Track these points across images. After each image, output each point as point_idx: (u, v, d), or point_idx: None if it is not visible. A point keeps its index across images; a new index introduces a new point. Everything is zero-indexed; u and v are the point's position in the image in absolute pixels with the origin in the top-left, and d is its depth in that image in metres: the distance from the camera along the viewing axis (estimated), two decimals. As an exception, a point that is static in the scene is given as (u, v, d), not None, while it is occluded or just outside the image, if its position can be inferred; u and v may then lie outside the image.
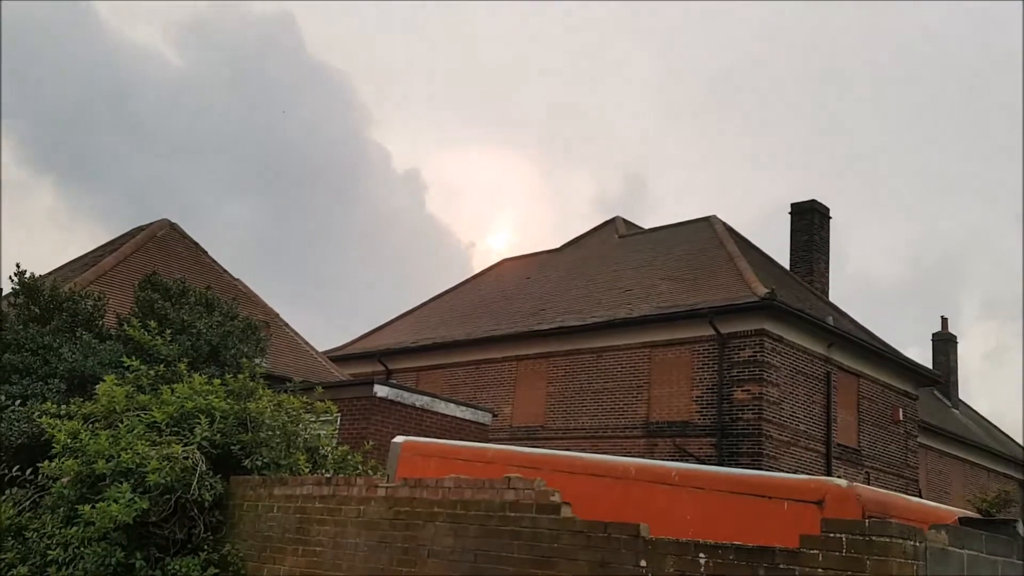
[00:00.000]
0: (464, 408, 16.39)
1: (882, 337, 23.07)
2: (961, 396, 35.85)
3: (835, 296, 24.99)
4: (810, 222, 24.64)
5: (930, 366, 30.58)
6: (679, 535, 4.84)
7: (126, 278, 17.22)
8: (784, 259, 24.92)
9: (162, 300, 12.20)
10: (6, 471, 8.82)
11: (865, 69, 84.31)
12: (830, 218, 25.29)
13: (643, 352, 20.35)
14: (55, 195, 72.83)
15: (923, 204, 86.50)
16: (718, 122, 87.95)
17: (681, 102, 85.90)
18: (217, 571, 7.70)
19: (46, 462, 8.36)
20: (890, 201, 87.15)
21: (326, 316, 68.59)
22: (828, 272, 24.88)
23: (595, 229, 29.86)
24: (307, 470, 8.91)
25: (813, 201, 24.80)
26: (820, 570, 4.13)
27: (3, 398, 10.03)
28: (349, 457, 9.70)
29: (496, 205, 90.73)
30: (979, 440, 31.29)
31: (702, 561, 4.54)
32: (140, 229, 20.43)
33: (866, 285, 77.59)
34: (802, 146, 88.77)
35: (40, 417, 8.88)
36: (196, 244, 20.81)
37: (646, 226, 29.50)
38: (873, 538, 4.06)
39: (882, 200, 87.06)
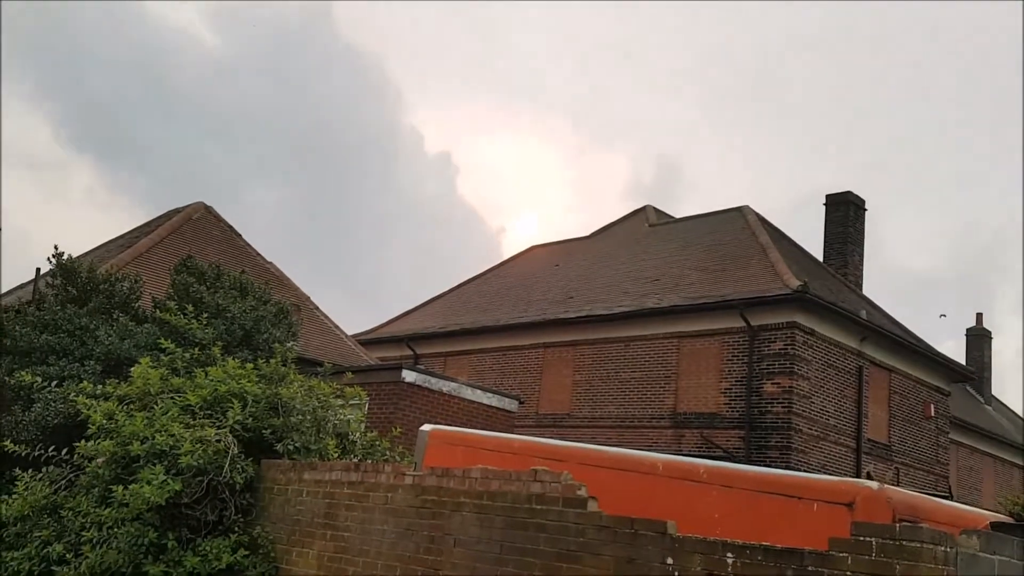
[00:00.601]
0: (491, 395, 16.45)
1: (918, 330, 22.84)
2: (995, 392, 35.36)
3: (870, 287, 24.78)
4: (845, 214, 24.33)
5: (963, 361, 30.17)
6: (706, 533, 4.83)
7: (162, 260, 17.45)
8: (818, 249, 24.69)
9: (197, 284, 12.34)
10: (42, 451, 9.00)
11: (908, 55, 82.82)
12: (865, 210, 24.96)
13: (671, 342, 20.27)
14: (94, 175, 73.89)
15: (963, 194, 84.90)
16: (756, 108, 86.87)
17: (719, 87, 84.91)
18: (247, 553, 7.82)
19: (82, 442, 8.52)
20: (930, 190, 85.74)
21: (355, 299, 69.05)
22: (862, 265, 24.58)
23: (625, 217, 29.71)
24: (336, 455, 9.00)
25: (848, 193, 24.48)
26: (849, 573, 4.11)
27: (40, 380, 10.21)
28: (377, 443, 9.78)
29: (528, 190, 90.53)
30: (1011, 437, 30.84)
31: (729, 561, 4.53)
32: (176, 211, 20.67)
33: (903, 276, 76.62)
34: (842, 133, 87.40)
35: (76, 398, 9.05)
36: (231, 227, 21.02)
37: (679, 213, 29.35)
38: (904, 543, 4.02)
39: (921, 189, 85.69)
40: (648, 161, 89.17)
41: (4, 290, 19.71)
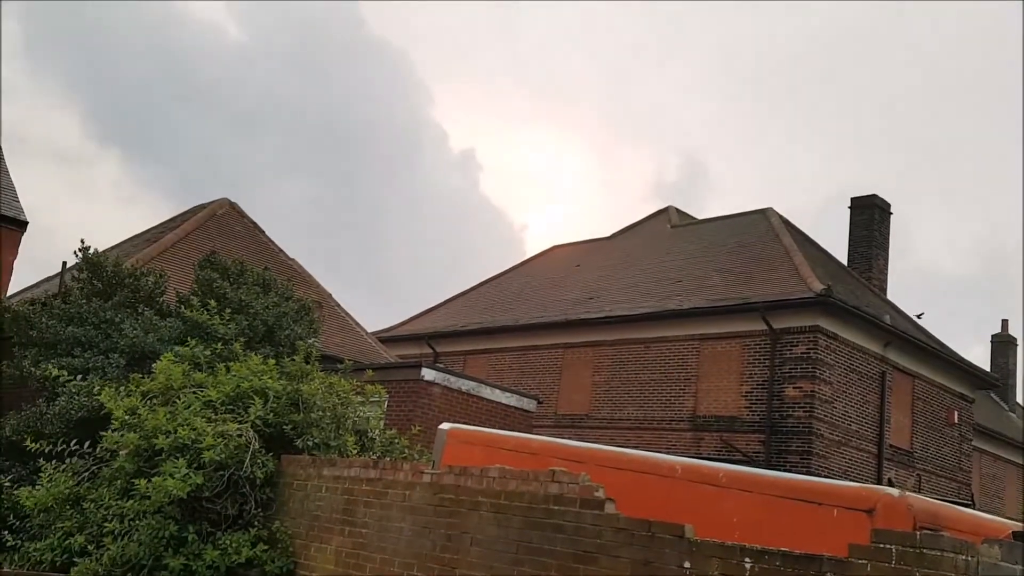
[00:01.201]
0: (509, 394, 16.45)
1: (947, 333, 22.66)
2: (1020, 399, 34.88)
3: (901, 289, 24.56)
4: (870, 217, 24.11)
5: (988, 368, 29.79)
6: (724, 538, 4.81)
7: (186, 255, 17.61)
8: (844, 251, 24.48)
9: (221, 280, 12.45)
10: (65, 444, 9.11)
11: (941, 55, 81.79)
12: (891, 213, 24.71)
13: (692, 344, 20.17)
14: (120, 169, 74.63)
15: (997, 196, 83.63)
16: (785, 107, 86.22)
17: (747, 86, 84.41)
18: (266, 547, 7.88)
19: (108, 432, 8.62)
20: (962, 192, 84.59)
21: (378, 295, 69.32)
22: (887, 269, 24.35)
23: (647, 218, 29.61)
24: (355, 452, 9.05)
25: (874, 196, 24.24)
26: (868, 581, 4.08)
27: (65, 373, 10.34)
28: (396, 441, 9.82)
29: (552, 187, 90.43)
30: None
31: (747, 566, 4.51)
32: (201, 207, 20.85)
33: (933, 278, 75.80)
34: (874, 133, 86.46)
35: (100, 392, 9.15)
36: (254, 223, 21.18)
37: (706, 212, 29.32)
38: (924, 551, 3.99)
39: (955, 191, 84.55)
40: (674, 159, 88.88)
41: (29, 284, 19.99)
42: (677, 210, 29.27)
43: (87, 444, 9.05)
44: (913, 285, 74.17)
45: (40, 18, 62.15)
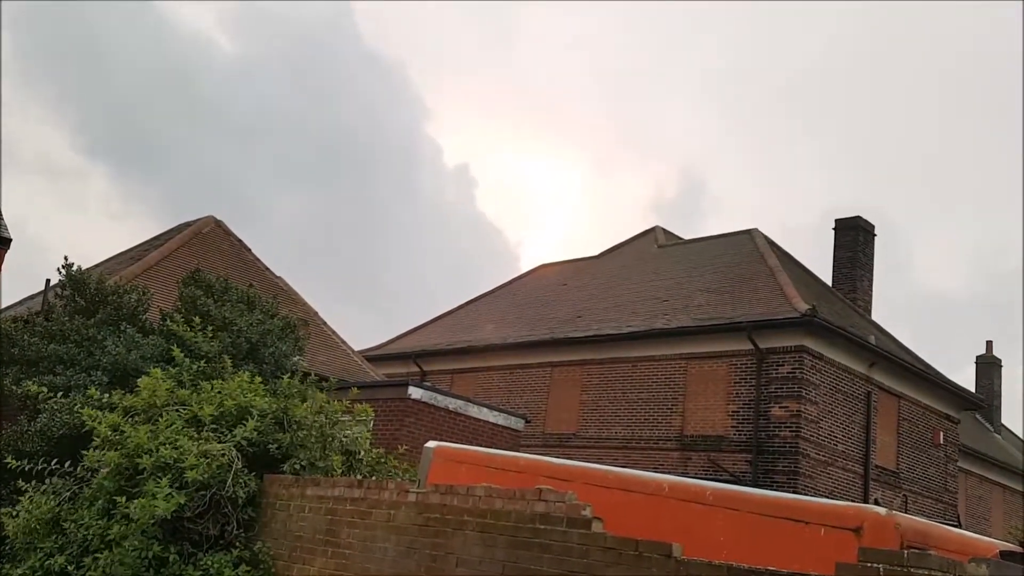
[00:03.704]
0: (497, 413, 16.39)
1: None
2: (1007, 421, 35.09)
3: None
4: (854, 239, 24.29)
5: (973, 389, 29.94)
6: (712, 556, 4.78)
7: (171, 273, 17.50)
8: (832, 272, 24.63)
9: (205, 297, 12.37)
10: (46, 463, 8.99)
11: (935, 73, 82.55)
12: (875, 235, 24.91)
13: (679, 364, 20.18)
14: (109, 183, 74.26)
15: (997, 216, 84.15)
16: (782, 126, 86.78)
17: (744, 105, 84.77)
18: (248, 568, 7.77)
19: (89, 451, 8.51)
20: (960, 211, 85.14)
21: (371, 310, 68.93)
22: (871, 290, 24.51)
23: (634, 238, 29.72)
24: (341, 472, 8.96)
25: (858, 218, 24.45)
26: (855, 601, 4.05)
27: (45, 390, 10.23)
28: (383, 460, 9.74)
29: (548, 203, 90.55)
30: (1021, 467, 30.52)
31: (734, 585, 4.47)
32: (186, 225, 20.76)
33: (929, 297, 76.25)
34: (869, 153, 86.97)
35: (82, 409, 9.05)
36: (240, 241, 21.10)
37: (703, 230, 29.38)
38: (912, 569, 3.97)
39: (951, 210, 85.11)
40: (672, 177, 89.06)
41: (15, 300, 19.80)
42: (664, 230, 29.41)
43: (68, 463, 8.94)
44: (911, 305, 74.65)
45: (29, 30, 62.07)
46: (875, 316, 24.27)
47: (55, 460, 9.01)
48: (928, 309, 76.87)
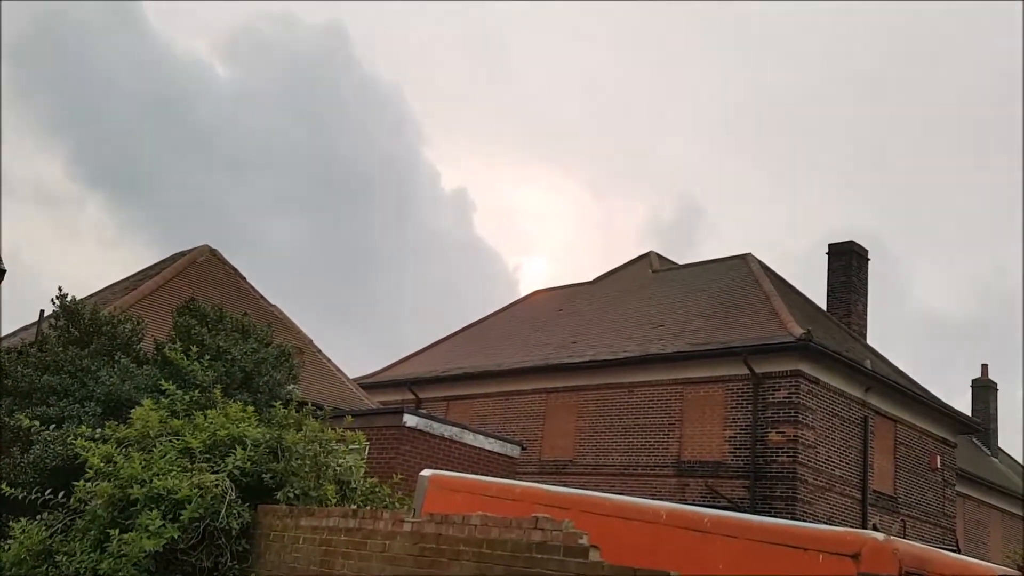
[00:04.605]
0: (493, 440, 16.30)
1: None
2: (1003, 444, 35.06)
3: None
4: (847, 263, 24.38)
5: (969, 412, 29.93)
6: (710, 585, 4.75)
7: (166, 303, 17.47)
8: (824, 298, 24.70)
9: (199, 326, 12.34)
10: (39, 494, 8.92)
11: (935, 98, 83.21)
12: (868, 259, 25.01)
13: (675, 389, 20.15)
14: (104, 211, 74.21)
15: (995, 240, 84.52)
16: (781, 152, 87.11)
17: (744, 129, 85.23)
18: (242, 601, 7.69)
19: (81, 482, 8.43)
20: (959, 237, 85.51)
21: (368, 337, 68.63)
22: (866, 314, 24.56)
23: (629, 263, 29.78)
24: (335, 501, 8.89)
25: (851, 242, 24.57)
26: (855, 628, 4.02)
27: (38, 423, 10.17)
28: (377, 489, 9.68)
29: (545, 228, 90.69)
30: (1018, 490, 30.45)
31: (733, 613, 4.44)
32: (181, 254, 20.76)
33: (930, 321, 76.32)
34: (868, 177, 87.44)
35: (75, 440, 8.99)
36: (235, 270, 21.09)
37: (697, 256, 29.37)
38: (911, 597, 3.95)
39: (950, 233, 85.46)
40: (669, 201, 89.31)
41: (10, 331, 19.72)
42: (658, 255, 29.48)
43: (61, 494, 8.86)
44: (911, 329, 74.73)
45: (23, 58, 62.35)
46: (875, 340, 24.36)
47: (48, 491, 8.93)
48: (928, 333, 77.01)
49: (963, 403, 34.32)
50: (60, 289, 12.77)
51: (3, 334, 19.31)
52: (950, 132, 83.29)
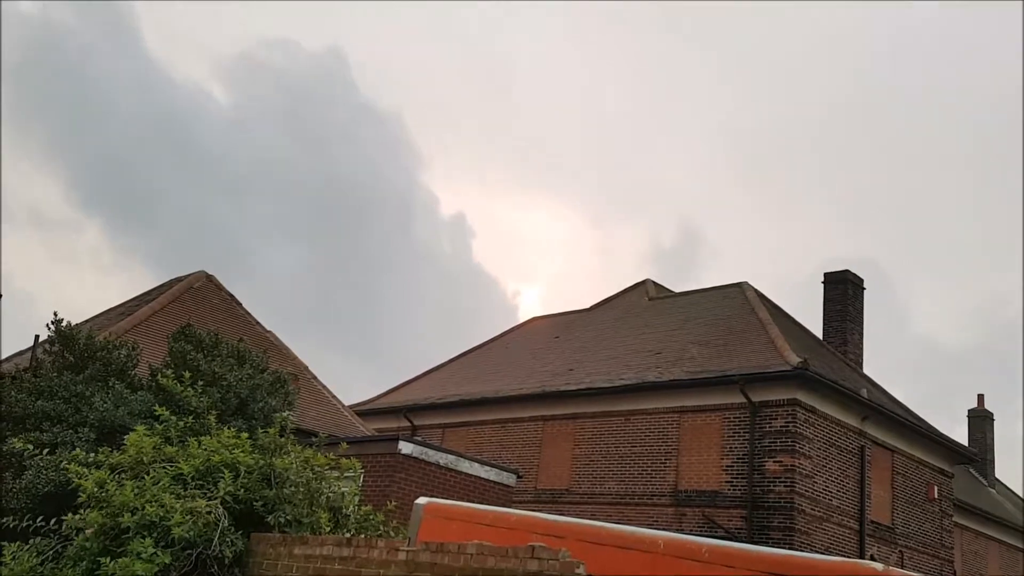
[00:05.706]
0: (488, 468, 16.20)
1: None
2: (1001, 475, 34.93)
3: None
4: (843, 292, 24.43)
5: (966, 442, 29.87)
6: (707, 616, 4.70)
7: (161, 328, 17.42)
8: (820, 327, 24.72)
9: (195, 352, 12.31)
10: (31, 521, 8.83)
11: (934, 128, 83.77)
12: (863, 288, 25.07)
13: (672, 417, 20.09)
14: (100, 235, 74.14)
15: (995, 269, 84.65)
16: (781, 179, 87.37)
17: (744, 156, 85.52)
18: (234, 630, 7.60)
19: (70, 515, 8.36)
20: (958, 265, 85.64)
21: (365, 363, 68.36)
22: (862, 343, 24.56)
23: (625, 291, 29.80)
24: (328, 529, 8.82)
25: (846, 271, 24.64)
26: (854, 661, 3.98)
27: (31, 447, 10.10)
28: (372, 517, 9.60)
29: (544, 254, 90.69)
30: (1016, 520, 30.31)
31: (731, 645, 4.40)
32: (178, 280, 20.75)
33: (929, 350, 76.29)
34: (868, 207, 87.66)
35: (69, 465, 8.92)
36: (231, 296, 21.08)
37: (697, 284, 29.40)
38: (910, 629, 3.91)
39: (950, 264, 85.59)
40: (667, 229, 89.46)
41: (5, 356, 19.65)
42: (654, 283, 29.52)
43: (54, 521, 8.78)
44: (909, 358, 74.67)
45: (23, 82, 62.62)
46: (872, 369, 24.39)
47: (40, 518, 8.85)
48: (927, 361, 76.96)
49: (963, 433, 34.20)
50: (55, 314, 12.74)
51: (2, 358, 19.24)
52: (950, 159, 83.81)
